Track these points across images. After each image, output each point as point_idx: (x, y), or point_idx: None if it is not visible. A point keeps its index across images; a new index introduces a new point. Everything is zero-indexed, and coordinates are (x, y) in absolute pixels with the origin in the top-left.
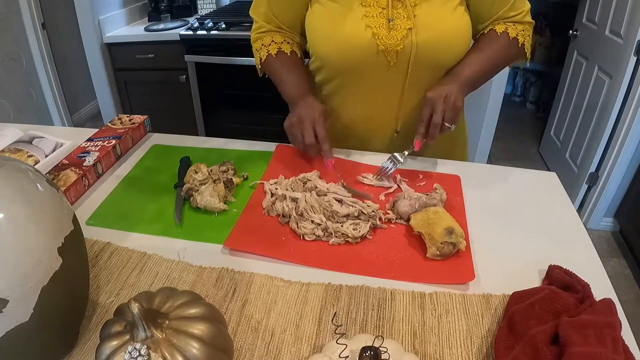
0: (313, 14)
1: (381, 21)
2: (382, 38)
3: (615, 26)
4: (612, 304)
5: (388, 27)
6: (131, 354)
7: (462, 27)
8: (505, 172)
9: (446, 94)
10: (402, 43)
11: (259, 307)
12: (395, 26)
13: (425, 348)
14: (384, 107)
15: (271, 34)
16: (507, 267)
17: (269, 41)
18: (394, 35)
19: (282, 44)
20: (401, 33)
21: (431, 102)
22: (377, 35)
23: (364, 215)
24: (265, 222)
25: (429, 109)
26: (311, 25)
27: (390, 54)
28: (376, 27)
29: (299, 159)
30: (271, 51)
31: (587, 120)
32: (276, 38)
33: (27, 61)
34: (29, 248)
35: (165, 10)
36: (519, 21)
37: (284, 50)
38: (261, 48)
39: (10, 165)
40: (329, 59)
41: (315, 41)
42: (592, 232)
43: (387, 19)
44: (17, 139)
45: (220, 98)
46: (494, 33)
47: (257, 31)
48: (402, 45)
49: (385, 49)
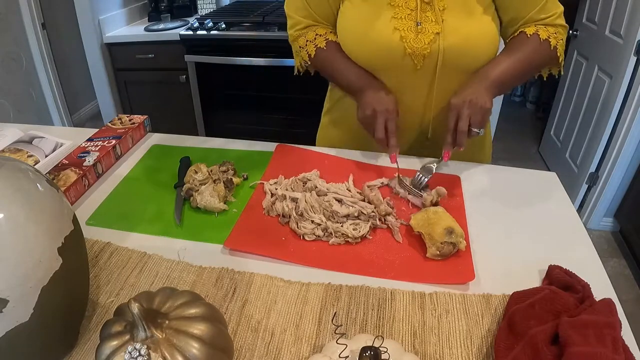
0: (343, 12)
1: (409, 24)
2: (409, 41)
3: (615, 26)
4: (612, 304)
5: (416, 30)
6: (131, 354)
7: (490, 33)
8: (505, 172)
9: (470, 98)
10: (429, 47)
11: (259, 307)
12: (423, 30)
13: (425, 348)
14: (410, 110)
15: (312, 29)
16: (507, 267)
17: (312, 36)
18: (422, 39)
19: (327, 35)
20: (429, 37)
21: (456, 108)
22: (404, 38)
23: (364, 216)
24: (265, 222)
25: (455, 116)
26: (341, 24)
27: (417, 57)
28: (404, 29)
29: (299, 159)
30: (319, 44)
31: (587, 120)
32: (319, 31)
33: (27, 61)
34: (29, 248)
35: (165, 10)
36: (550, 24)
37: (332, 40)
38: (307, 44)
39: (10, 165)
40: (356, 58)
41: (344, 40)
42: (592, 232)
43: (416, 22)
44: (17, 139)
45: (220, 98)
46: (524, 35)
47: (295, 28)
48: (430, 50)
49: (412, 53)
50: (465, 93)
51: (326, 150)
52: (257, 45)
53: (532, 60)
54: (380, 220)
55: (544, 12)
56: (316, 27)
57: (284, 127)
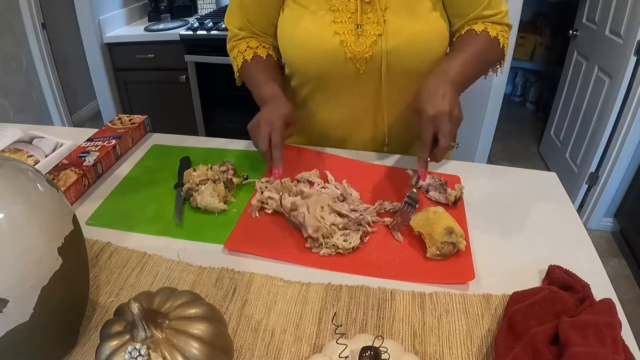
0: (283, 19)
1: (350, 27)
2: (349, 45)
3: (615, 26)
4: (612, 304)
5: (356, 33)
6: (131, 354)
7: (437, 31)
8: (505, 172)
9: (449, 108)
10: (371, 50)
11: (259, 307)
12: (364, 32)
13: (425, 348)
14: (359, 113)
15: (246, 40)
16: (507, 267)
17: (244, 47)
18: (363, 42)
19: (257, 49)
20: (370, 39)
21: (435, 122)
22: (344, 42)
23: (353, 225)
24: (265, 223)
25: (432, 129)
26: (281, 31)
27: (359, 61)
28: (344, 33)
29: (299, 159)
30: (247, 56)
31: (587, 120)
32: (251, 43)
33: (27, 61)
34: (29, 248)
35: (165, 10)
36: (497, 22)
37: (259, 54)
38: (237, 55)
39: (10, 165)
40: (298, 65)
41: (284, 47)
42: (592, 232)
43: (356, 24)
44: (17, 139)
45: (220, 98)
46: (473, 32)
47: (232, 40)
48: (371, 53)
49: (353, 57)
50: (441, 103)
51: (326, 150)
52: None
53: (484, 57)
54: (369, 224)
55: (489, 9)
56: (250, 39)
57: None
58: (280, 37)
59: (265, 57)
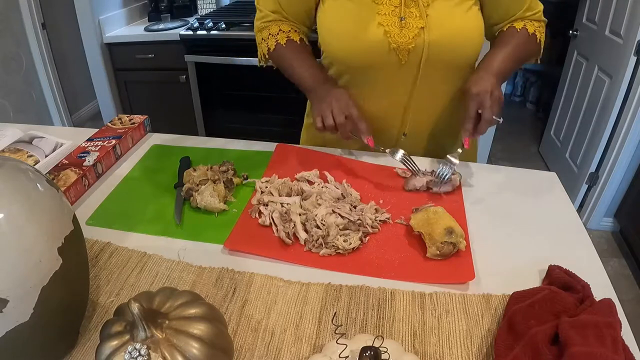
0: (325, 10)
1: (393, 19)
2: (394, 36)
3: (615, 26)
4: (612, 304)
5: (400, 25)
6: (131, 354)
7: (474, 28)
8: (505, 172)
9: (491, 89)
10: (413, 42)
11: (259, 307)
12: (408, 25)
13: (425, 348)
14: (391, 107)
15: (277, 23)
16: (507, 267)
17: (276, 30)
18: (406, 33)
19: (290, 33)
20: (413, 32)
21: (478, 99)
22: (389, 33)
23: (354, 225)
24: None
25: (476, 105)
26: (323, 22)
27: (402, 52)
28: (388, 25)
29: (299, 159)
30: (280, 40)
31: (587, 120)
32: (283, 27)
33: (27, 61)
34: (29, 248)
35: (165, 10)
36: (535, 19)
37: (293, 39)
38: (268, 37)
39: (10, 165)
40: (340, 56)
41: (327, 38)
42: (592, 232)
43: (399, 17)
44: (17, 139)
45: (220, 98)
46: (514, 29)
47: (262, 20)
48: (414, 44)
49: (397, 47)
50: (484, 84)
51: (326, 150)
52: (257, 45)
53: (522, 52)
54: (373, 226)
55: (529, 11)
56: (281, 23)
57: (284, 127)
58: (321, 28)
59: (298, 42)
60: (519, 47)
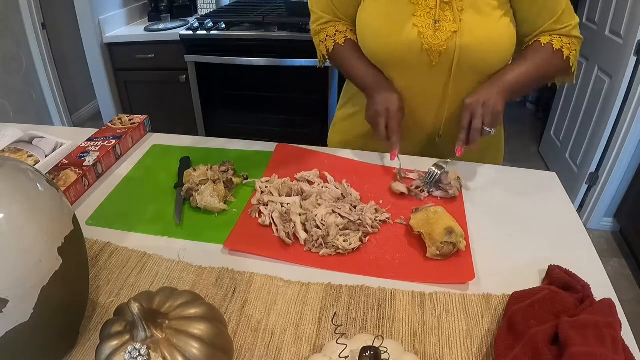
0: (365, 8)
1: (428, 21)
2: (427, 37)
3: (615, 26)
4: (612, 304)
5: (434, 27)
6: (131, 354)
7: (506, 36)
8: (505, 172)
9: (484, 99)
10: (446, 44)
11: (259, 307)
12: (441, 28)
13: (425, 348)
14: (424, 106)
15: (334, 24)
16: (507, 267)
17: (333, 31)
18: (439, 36)
19: (347, 32)
20: (446, 35)
21: (470, 108)
22: (422, 34)
23: (354, 225)
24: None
25: (468, 115)
26: (362, 19)
27: (434, 53)
28: (422, 26)
29: (299, 159)
30: (338, 40)
31: (587, 120)
32: (340, 27)
33: (27, 61)
34: (29, 248)
35: (165, 10)
36: (565, 34)
37: (350, 38)
38: (326, 39)
39: (10, 165)
40: (374, 52)
41: (364, 34)
42: (592, 232)
43: (434, 19)
44: (17, 139)
45: (220, 98)
46: (538, 44)
47: (317, 23)
48: (446, 47)
49: (429, 49)
50: (479, 94)
51: (326, 150)
52: (257, 45)
53: (544, 68)
54: (373, 226)
55: (559, 24)
56: (337, 23)
57: (284, 127)
58: (360, 26)
59: (356, 41)
60: (539, 63)
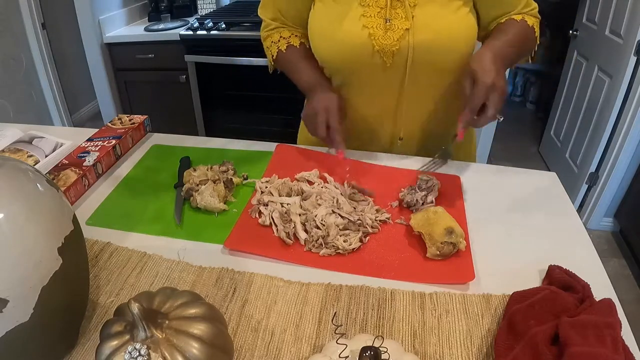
0: (314, 13)
1: (378, 21)
2: (378, 38)
3: (615, 26)
4: (612, 304)
5: (385, 27)
6: (131, 354)
7: (464, 29)
8: (505, 172)
9: (502, 83)
10: (398, 44)
11: (259, 307)
12: (392, 26)
13: (425, 348)
14: (382, 109)
15: (279, 30)
16: (507, 267)
17: (277, 38)
18: (390, 35)
19: (290, 38)
20: (398, 33)
21: (488, 92)
22: (373, 35)
23: (354, 225)
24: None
25: (483, 98)
26: (311, 24)
27: (386, 54)
28: (373, 27)
29: (299, 159)
30: (281, 47)
31: (587, 120)
32: (284, 33)
33: (27, 61)
34: (29, 248)
35: (165, 10)
36: (533, 15)
37: (293, 44)
38: (271, 45)
39: (10, 165)
40: (326, 57)
41: (314, 40)
42: (592, 232)
43: (385, 19)
44: (17, 139)
45: (220, 98)
46: (513, 20)
47: (265, 29)
48: (399, 46)
49: (381, 50)
50: (493, 74)
51: (326, 150)
52: (257, 45)
53: (522, 41)
54: (373, 227)
55: (527, 7)
56: (282, 30)
57: (284, 127)
58: (310, 30)
59: (299, 46)
60: (519, 36)
